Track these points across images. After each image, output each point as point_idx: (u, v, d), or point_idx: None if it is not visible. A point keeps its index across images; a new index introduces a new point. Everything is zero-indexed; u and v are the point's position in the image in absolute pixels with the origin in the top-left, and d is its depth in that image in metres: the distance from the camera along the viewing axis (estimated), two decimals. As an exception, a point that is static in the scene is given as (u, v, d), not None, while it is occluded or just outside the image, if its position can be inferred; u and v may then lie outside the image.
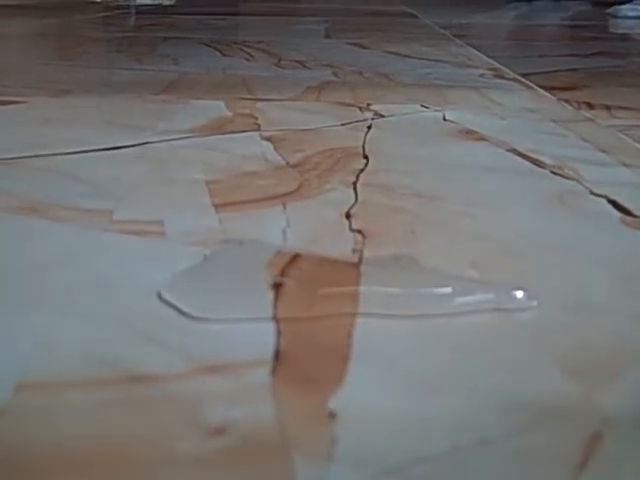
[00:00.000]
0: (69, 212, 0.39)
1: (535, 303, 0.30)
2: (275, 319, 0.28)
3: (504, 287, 0.31)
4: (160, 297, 0.29)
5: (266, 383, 0.24)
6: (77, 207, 0.39)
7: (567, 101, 0.73)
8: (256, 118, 0.62)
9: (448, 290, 0.30)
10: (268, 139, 0.55)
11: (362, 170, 0.48)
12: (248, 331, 0.27)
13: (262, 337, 0.26)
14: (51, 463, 0.20)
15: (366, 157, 0.51)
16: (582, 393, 0.24)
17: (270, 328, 0.27)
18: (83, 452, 0.20)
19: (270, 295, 0.29)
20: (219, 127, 0.59)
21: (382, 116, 0.64)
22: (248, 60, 0.99)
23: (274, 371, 0.24)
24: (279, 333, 0.27)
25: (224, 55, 1.03)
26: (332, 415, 0.22)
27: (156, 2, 2.22)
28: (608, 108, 0.70)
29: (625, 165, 0.50)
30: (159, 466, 0.20)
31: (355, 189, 0.44)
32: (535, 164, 0.50)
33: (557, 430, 0.22)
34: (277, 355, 0.25)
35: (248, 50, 1.07)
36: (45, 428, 0.21)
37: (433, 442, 0.21)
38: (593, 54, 1.18)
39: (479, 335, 0.27)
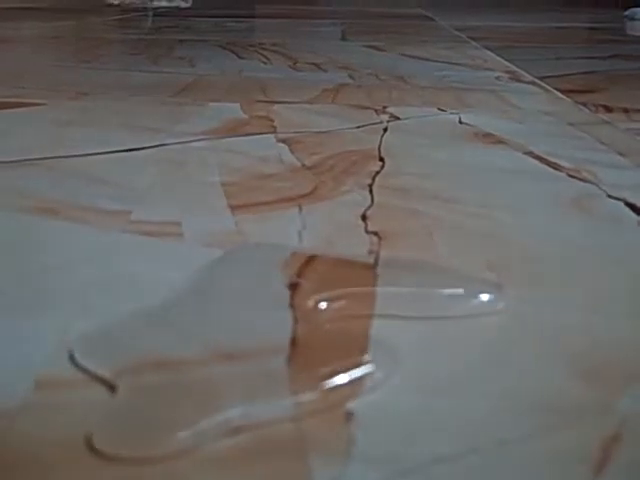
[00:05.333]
0: (87, 213, 0.39)
1: (551, 305, 0.30)
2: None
3: (520, 289, 0.30)
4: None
5: (283, 376, 0.24)
6: (95, 208, 0.40)
7: (584, 104, 0.73)
8: (272, 120, 0.62)
9: (463, 292, 0.30)
10: (284, 141, 0.55)
11: (378, 172, 0.48)
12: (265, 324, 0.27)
13: (279, 327, 0.26)
14: (69, 458, 0.20)
15: (382, 159, 0.51)
16: (598, 394, 0.24)
17: (287, 326, 0.27)
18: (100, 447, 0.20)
19: (286, 295, 0.29)
20: (235, 129, 0.59)
21: (398, 119, 0.64)
22: (264, 62, 1.00)
23: (290, 361, 0.24)
24: (295, 331, 0.27)
25: (240, 57, 1.04)
26: (349, 415, 0.22)
27: (172, 4, 2.23)
28: (626, 111, 0.70)
29: (643, 168, 0.50)
30: (175, 461, 0.20)
31: (371, 191, 0.44)
32: (552, 167, 0.50)
33: (574, 432, 0.22)
34: (293, 344, 0.25)
35: (264, 52, 1.07)
36: (64, 424, 0.21)
37: (450, 443, 0.21)
38: (610, 57, 1.17)
39: (495, 336, 0.27)
